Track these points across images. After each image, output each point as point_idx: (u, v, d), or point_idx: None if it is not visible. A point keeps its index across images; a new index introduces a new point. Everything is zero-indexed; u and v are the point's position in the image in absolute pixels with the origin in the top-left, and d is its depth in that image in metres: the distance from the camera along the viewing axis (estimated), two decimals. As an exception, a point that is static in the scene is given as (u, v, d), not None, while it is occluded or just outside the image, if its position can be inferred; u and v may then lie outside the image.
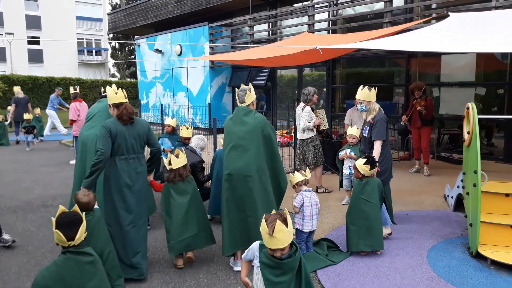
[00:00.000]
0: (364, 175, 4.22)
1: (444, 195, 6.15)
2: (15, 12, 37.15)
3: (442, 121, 9.86)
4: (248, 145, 3.84)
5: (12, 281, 3.84)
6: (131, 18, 19.84)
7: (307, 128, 6.40)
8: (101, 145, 3.65)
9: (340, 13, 11.19)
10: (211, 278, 3.84)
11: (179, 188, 4.04)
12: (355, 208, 4.20)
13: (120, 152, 3.78)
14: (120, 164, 3.79)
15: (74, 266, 2.62)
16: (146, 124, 4.06)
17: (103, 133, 3.70)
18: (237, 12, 15.10)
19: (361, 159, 4.26)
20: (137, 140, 3.89)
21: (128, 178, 3.80)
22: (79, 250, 2.66)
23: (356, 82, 11.30)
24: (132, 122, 3.86)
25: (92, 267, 2.70)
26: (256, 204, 3.79)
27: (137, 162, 3.91)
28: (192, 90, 15.75)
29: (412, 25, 7.62)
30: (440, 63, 9.53)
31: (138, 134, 3.89)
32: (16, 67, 31.97)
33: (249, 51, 9.89)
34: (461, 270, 3.82)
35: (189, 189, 4.07)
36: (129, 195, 3.80)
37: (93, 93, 29.08)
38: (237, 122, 3.96)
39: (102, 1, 44.56)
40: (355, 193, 4.23)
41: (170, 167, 4.05)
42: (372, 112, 4.85)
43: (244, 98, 4.03)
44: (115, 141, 3.75)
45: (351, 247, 4.18)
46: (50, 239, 4.84)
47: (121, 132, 3.77)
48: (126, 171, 3.81)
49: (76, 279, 2.60)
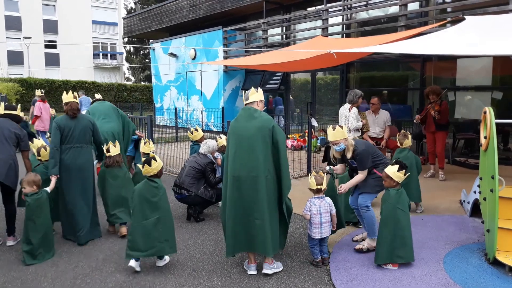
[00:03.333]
0: (398, 182, 4.02)
1: (460, 200, 6.08)
2: (33, 16, 37.81)
3: (458, 126, 9.75)
4: (254, 146, 3.77)
5: (30, 280, 3.91)
6: (146, 22, 20.05)
7: (357, 127, 6.53)
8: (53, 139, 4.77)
9: (354, 17, 11.17)
10: (225, 281, 3.86)
11: (113, 172, 5.08)
12: (392, 219, 3.97)
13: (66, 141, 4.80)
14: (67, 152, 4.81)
15: (148, 186, 4.05)
16: (91, 120, 5.11)
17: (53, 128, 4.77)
18: (251, 16, 15.16)
19: (392, 167, 4.01)
20: (81, 132, 4.88)
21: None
22: (150, 179, 4.08)
23: (370, 86, 11.25)
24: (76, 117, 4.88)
25: (156, 189, 4.04)
26: (264, 205, 3.76)
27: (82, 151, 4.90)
28: (205, 93, 15.84)
29: (427, 29, 7.56)
30: (456, 67, 9.43)
31: (83, 127, 4.91)
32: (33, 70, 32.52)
33: (263, 55, 9.92)
34: (478, 276, 3.78)
35: (121, 173, 5.15)
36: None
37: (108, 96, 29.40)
38: (242, 122, 3.89)
39: (118, 5, 45.12)
40: (392, 203, 3.98)
41: (108, 154, 5.06)
42: (349, 147, 4.36)
43: (248, 95, 3.97)
44: (63, 132, 4.77)
45: (384, 259, 3.99)
46: (65, 240, 4.91)
47: (68, 125, 4.81)
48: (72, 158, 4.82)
49: (147, 194, 4.01)
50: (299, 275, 3.94)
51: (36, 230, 4.32)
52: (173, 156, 9.53)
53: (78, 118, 4.91)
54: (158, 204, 4.03)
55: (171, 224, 4.13)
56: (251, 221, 3.79)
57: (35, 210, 4.32)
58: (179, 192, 5.54)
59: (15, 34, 36.62)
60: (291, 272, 4.01)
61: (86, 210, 4.90)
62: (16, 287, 3.78)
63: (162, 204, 4.06)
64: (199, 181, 5.55)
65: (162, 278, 3.93)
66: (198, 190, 5.50)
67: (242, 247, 3.92)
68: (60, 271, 4.10)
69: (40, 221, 4.34)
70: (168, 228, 4.06)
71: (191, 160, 5.68)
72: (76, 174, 4.81)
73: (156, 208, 4.01)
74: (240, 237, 3.86)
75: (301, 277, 3.90)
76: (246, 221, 3.81)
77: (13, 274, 4.04)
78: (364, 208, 4.36)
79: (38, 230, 4.32)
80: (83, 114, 5.13)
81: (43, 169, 5.02)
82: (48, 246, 4.43)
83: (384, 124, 7.83)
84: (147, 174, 4.11)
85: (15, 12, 37.19)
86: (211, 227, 5.38)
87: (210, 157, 5.69)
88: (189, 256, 4.45)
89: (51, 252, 4.45)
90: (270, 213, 3.81)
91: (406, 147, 5.65)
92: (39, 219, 4.34)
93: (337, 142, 4.35)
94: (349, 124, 6.52)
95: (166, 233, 4.04)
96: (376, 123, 7.87)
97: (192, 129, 6.41)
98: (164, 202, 4.09)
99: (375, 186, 4.37)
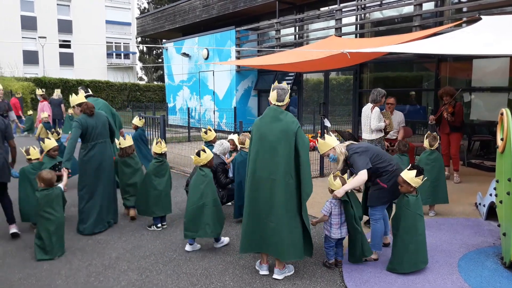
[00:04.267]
0: (415, 188, 3.89)
1: (476, 203, 5.99)
2: (48, 16, 38.29)
3: (473, 127, 9.62)
4: (277, 148, 3.72)
5: (44, 278, 3.95)
6: (159, 22, 20.17)
7: (379, 128, 6.44)
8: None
9: (368, 16, 11.09)
10: (237, 281, 3.85)
11: (126, 162, 5.63)
12: (414, 227, 3.82)
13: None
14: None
15: (198, 175, 4.50)
16: (105, 114, 5.40)
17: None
18: (264, 16, 15.16)
19: (409, 172, 3.84)
20: (103, 128, 5.22)
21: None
22: (200, 168, 4.54)
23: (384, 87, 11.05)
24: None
25: (203, 177, 4.47)
26: (281, 209, 3.71)
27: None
28: (218, 93, 15.88)
29: (443, 29, 7.47)
30: (471, 68, 9.31)
31: (103, 123, 5.22)
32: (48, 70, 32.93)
33: (276, 55, 9.90)
34: (494, 281, 3.71)
35: (133, 162, 5.67)
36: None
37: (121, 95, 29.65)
38: (268, 123, 3.80)
39: (131, 5, 45.47)
40: (413, 211, 3.82)
41: (119, 146, 5.62)
42: (340, 156, 4.12)
43: (284, 97, 3.84)
44: (86, 131, 5.03)
45: (410, 267, 3.85)
46: (78, 238, 4.96)
47: (90, 123, 5.08)
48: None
49: (197, 181, 4.48)
50: (311, 276, 3.92)
51: (45, 225, 4.37)
52: (185, 155, 9.56)
53: (96, 115, 5.20)
54: (205, 191, 4.41)
55: (214, 210, 4.42)
56: (266, 223, 3.77)
57: (44, 205, 4.37)
58: (191, 192, 5.55)
59: (31, 34, 37.11)
60: (303, 273, 3.99)
61: (111, 200, 5.38)
62: (30, 284, 3.82)
63: (208, 191, 4.42)
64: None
65: (174, 277, 3.94)
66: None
67: (255, 247, 3.91)
68: (73, 269, 4.14)
69: (49, 217, 4.38)
70: (211, 214, 4.38)
71: (203, 160, 5.69)
72: (104, 167, 5.18)
73: (202, 195, 4.40)
74: (253, 237, 3.86)
75: (313, 278, 3.88)
76: (261, 223, 3.80)
77: (28, 271, 4.08)
78: (373, 220, 4.24)
79: (47, 226, 4.37)
80: (98, 111, 5.36)
81: (31, 169, 5.22)
82: (60, 243, 4.48)
83: (398, 125, 7.75)
84: (197, 164, 4.56)
85: (31, 12, 37.69)
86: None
87: (222, 158, 5.69)
88: (201, 255, 4.45)
89: (62, 249, 4.51)
90: (289, 218, 3.73)
91: (435, 149, 5.64)
92: (49, 215, 4.38)
93: (326, 154, 4.15)
94: (371, 124, 6.46)
95: (209, 218, 4.36)
96: (395, 123, 7.79)
97: (205, 130, 6.40)
98: (210, 189, 4.44)
99: (379, 198, 4.16)
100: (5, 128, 4.95)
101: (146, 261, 4.31)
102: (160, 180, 5.21)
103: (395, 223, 3.94)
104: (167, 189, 5.31)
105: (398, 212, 3.92)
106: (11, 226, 5.05)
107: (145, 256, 4.44)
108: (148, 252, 4.54)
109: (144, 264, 4.25)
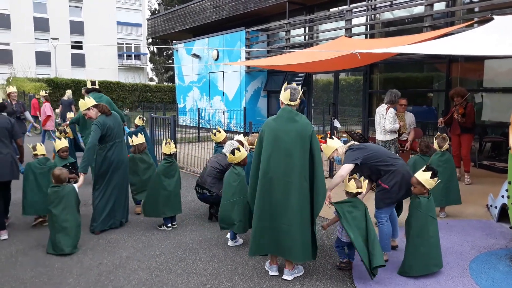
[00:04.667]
0: (428, 189, 3.83)
1: (487, 204, 5.93)
2: (60, 18, 38.73)
3: (485, 128, 9.53)
4: (292, 151, 3.68)
5: (56, 276, 4.00)
6: (170, 23, 20.27)
7: (394, 129, 6.44)
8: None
9: (378, 17, 11.04)
10: (246, 281, 3.86)
11: (141, 157, 5.99)
12: (426, 229, 3.77)
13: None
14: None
15: (231, 172, 4.70)
16: (117, 113, 5.69)
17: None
18: (274, 17, 15.16)
19: (424, 173, 3.79)
20: (119, 128, 5.31)
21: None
22: (234, 166, 4.72)
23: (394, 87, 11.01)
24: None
25: (236, 175, 4.61)
26: (295, 211, 3.68)
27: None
28: (227, 94, 15.92)
29: (454, 29, 7.41)
30: (483, 68, 9.22)
31: (118, 123, 5.35)
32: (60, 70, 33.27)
33: (286, 56, 9.90)
34: (506, 283, 3.68)
35: (146, 158, 6.03)
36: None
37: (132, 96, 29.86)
38: (282, 124, 3.76)
39: (142, 6, 45.77)
40: (425, 213, 3.77)
41: (132, 143, 6.01)
42: (343, 156, 4.19)
43: (296, 96, 3.81)
44: (106, 132, 5.09)
45: (421, 270, 3.80)
46: (90, 237, 5.01)
47: (109, 124, 5.15)
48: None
49: (230, 179, 4.66)
50: (321, 277, 3.92)
51: (53, 221, 4.53)
52: (195, 156, 9.60)
53: (112, 115, 5.31)
54: (236, 188, 4.54)
55: (244, 207, 4.49)
56: (279, 225, 3.73)
57: (53, 202, 4.53)
58: (201, 192, 5.58)
59: (43, 35, 37.59)
60: (313, 274, 3.98)
61: (124, 198, 5.47)
62: (42, 282, 3.87)
63: (240, 189, 4.52)
64: (220, 181, 5.56)
65: (184, 276, 3.96)
66: (219, 190, 5.51)
67: (265, 249, 3.88)
68: (85, 268, 4.18)
69: (58, 213, 4.51)
70: (242, 210, 4.49)
71: (212, 160, 5.71)
72: (120, 167, 5.29)
73: (234, 192, 4.53)
74: (264, 240, 3.82)
75: (323, 279, 3.88)
76: (273, 225, 3.76)
77: (40, 270, 4.14)
78: (379, 221, 4.21)
79: (55, 221, 4.50)
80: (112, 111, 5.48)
81: (37, 164, 5.42)
82: (67, 240, 4.50)
83: (409, 126, 7.70)
84: (231, 162, 4.71)
85: (43, 13, 38.18)
86: (232, 227, 5.40)
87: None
88: (211, 255, 4.47)
89: (70, 246, 4.51)
90: (302, 220, 3.71)
91: (445, 151, 5.62)
92: (58, 211, 4.51)
93: (331, 157, 4.26)
94: (386, 125, 6.43)
95: (241, 214, 4.49)
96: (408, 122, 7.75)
97: (214, 131, 6.39)
98: (241, 187, 4.53)
99: (383, 199, 4.12)
100: (11, 127, 5.09)
101: (156, 261, 4.34)
102: (170, 181, 5.25)
103: (407, 225, 3.91)
104: (177, 190, 5.34)
105: (410, 213, 3.89)
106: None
107: (155, 256, 4.47)
108: (158, 252, 4.58)
109: (154, 263, 4.28)
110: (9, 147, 5.05)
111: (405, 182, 4.01)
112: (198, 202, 6.26)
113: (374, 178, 4.17)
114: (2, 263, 4.29)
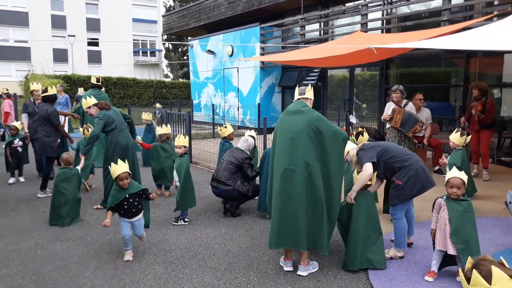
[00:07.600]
0: (465, 190, 3.63)
1: (506, 201, 5.83)
2: (77, 15, 39.22)
3: (504, 124, 9.35)
4: (296, 140, 3.72)
5: (73, 270, 4.06)
6: (185, 19, 20.35)
7: (382, 118, 6.77)
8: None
9: (394, 11, 10.90)
10: (261, 276, 3.87)
11: (163, 146, 6.58)
12: (462, 229, 3.55)
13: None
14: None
15: None
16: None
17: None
18: (289, 12, 15.10)
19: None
20: (119, 117, 6.00)
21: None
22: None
23: (410, 83, 10.97)
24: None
25: None
26: (300, 200, 3.68)
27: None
28: (242, 90, 15.93)
29: (472, 23, 7.28)
30: (503, 63, 9.04)
31: (117, 114, 6.02)
32: (77, 67, 33.69)
33: (301, 51, 9.86)
34: (525, 281, 3.60)
35: (168, 148, 6.58)
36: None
37: (147, 92, 30.09)
38: (291, 115, 3.85)
39: (157, 3, 46.03)
40: (462, 211, 3.56)
41: (158, 133, 6.67)
42: (354, 158, 4.21)
43: (304, 90, 3.98)
44: (109, 122, 5.79)
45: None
46: (107, 231, 5.07)
47: (110, 115, 5.86)
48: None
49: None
50: (335, 273, 3.90)
51: (58, 198, 5.36)
52: (210, 151, 9.64)
53: (112, 109, 6.05)
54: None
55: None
56: (290, 215, 3.74)
57: (61, 181, 5.42)
58: (217, 186, 5.61)
59: (60, 33, 38.12)
60: (328, 270, 3.97)
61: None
62: (60, 276, 3.94)
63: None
64: (235, 175, 5.60)
65: (199, 271, 3.99)
66: (235, 184, 5.54)
67: (286, 243, 3.82)
68: (101, 261, 4.24)
69: (64, 191, 5.39)
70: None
71: (228, 155, 5.75)
72: (128, 149, 5.89)
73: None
74: (285, 232, 3.78)
75: (338, 275, 3.86)
76: (290, 217, 3.75)
77: (58, 263, 4.21)
78: (394, 218, 4.15)
79: (60, 198, 5.35)
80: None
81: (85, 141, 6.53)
82: (70, 215, 5.36)
83: (425, 121, 7.62)
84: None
85: (61, 11, 38.69)
86: (247, 222, 5.41)
87: (247, 153, 5.74)
88: (226, 250, 4.49)
89: (69, 217, 5.35)
90: (313, 209, 3.72)
91: (461, 147, 5.64)
92: (63, 190, 5.39)
93: (345, 160, 4.28)
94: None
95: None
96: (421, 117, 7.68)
97: (223, 126, 6.66)
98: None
99: (397, 196, 4.04)
100: (48, 116, 6.42)
101: (171, 255, 4.38)
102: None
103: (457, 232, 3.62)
104: None
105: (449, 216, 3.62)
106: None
107: (171, 250, 4.51)
108: (173, 246, 4.62)
109: (170, 258, 4.32)
110: (45, 130, 6.47)
111: (419, 178, 3.97)
112: (213, 198, 6.29)
113: (388, 175, 4.14)
114: (21, 257, 4.38)
